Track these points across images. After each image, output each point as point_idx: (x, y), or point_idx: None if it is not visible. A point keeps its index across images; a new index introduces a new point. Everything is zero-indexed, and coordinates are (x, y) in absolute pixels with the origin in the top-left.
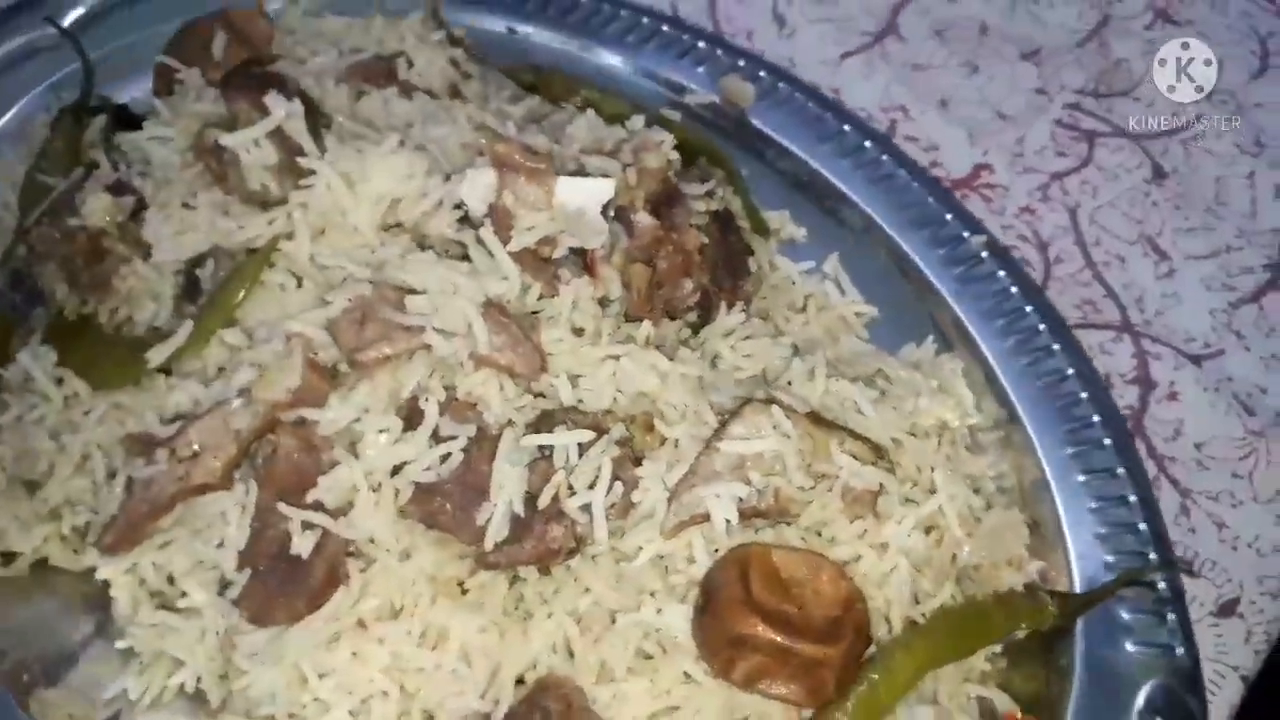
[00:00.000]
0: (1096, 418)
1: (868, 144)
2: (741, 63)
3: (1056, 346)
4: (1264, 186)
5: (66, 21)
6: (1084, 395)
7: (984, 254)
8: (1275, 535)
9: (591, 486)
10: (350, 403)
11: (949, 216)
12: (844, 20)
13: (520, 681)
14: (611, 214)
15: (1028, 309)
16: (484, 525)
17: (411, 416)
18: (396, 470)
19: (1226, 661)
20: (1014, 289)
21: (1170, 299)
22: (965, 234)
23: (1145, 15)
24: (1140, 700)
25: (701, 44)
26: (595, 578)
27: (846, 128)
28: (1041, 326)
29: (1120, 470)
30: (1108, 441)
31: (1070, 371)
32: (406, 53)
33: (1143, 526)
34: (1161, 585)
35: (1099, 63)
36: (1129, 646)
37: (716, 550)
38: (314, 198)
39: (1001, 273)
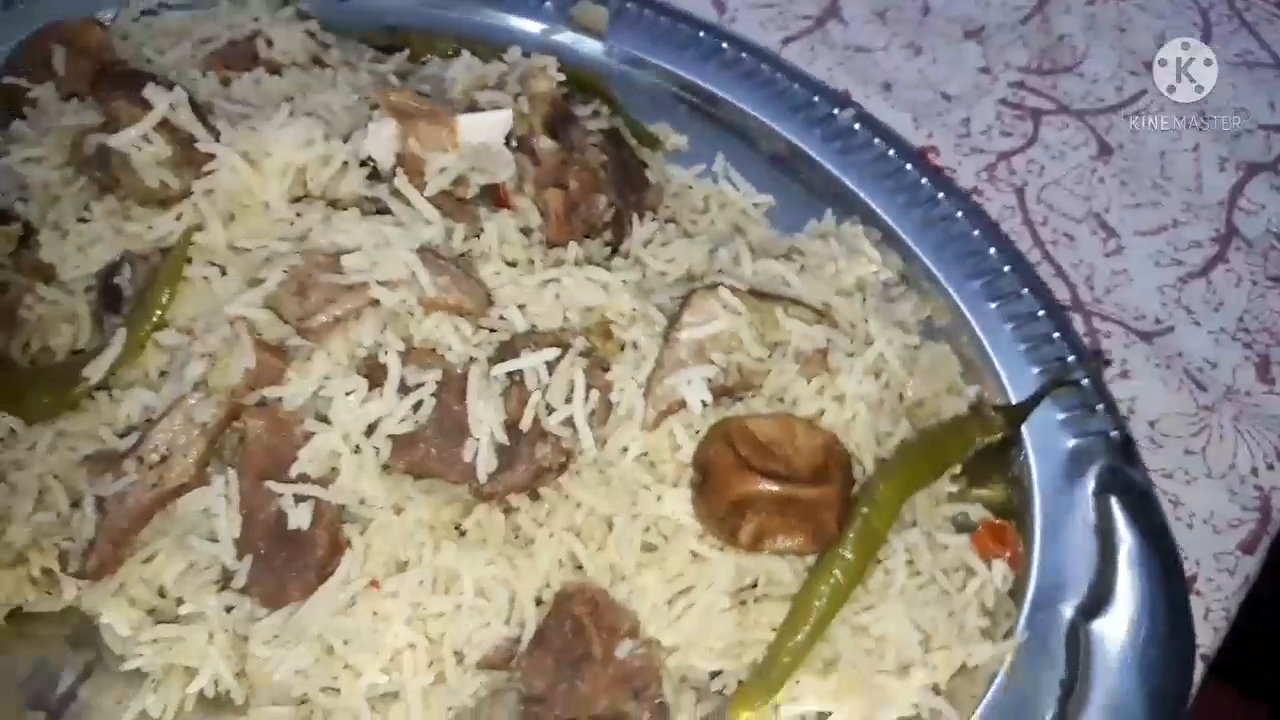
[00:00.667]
0: (992, 250)
1: (725, 45)
2: None
3: (940, 195)
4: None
5: None
6: (975, 232)
7: (856, 125)
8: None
9: (568, 400)
10: (310, 373)
11: (816, 99)
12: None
13: (539, 602)
14: (514, 144)
15: (907, 167)
16: (472, 461)
17: (373, 373)
18: (372, 429)
19: None
20: (891, 152)
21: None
22: (835, 110)
23: None
24: (1091, 483)
25: None
26: (584, 489)
27: (702, 34)
28: (924, 180)
29: (1024, 291)
30: (1007, 268)
31: (959, 214)
32: (263, 32)
33: (1056, 335)
34: (1085, 381)
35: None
36: (1070, 441)
37: (698, 432)
38: (219, 183)
39: (877, 140)
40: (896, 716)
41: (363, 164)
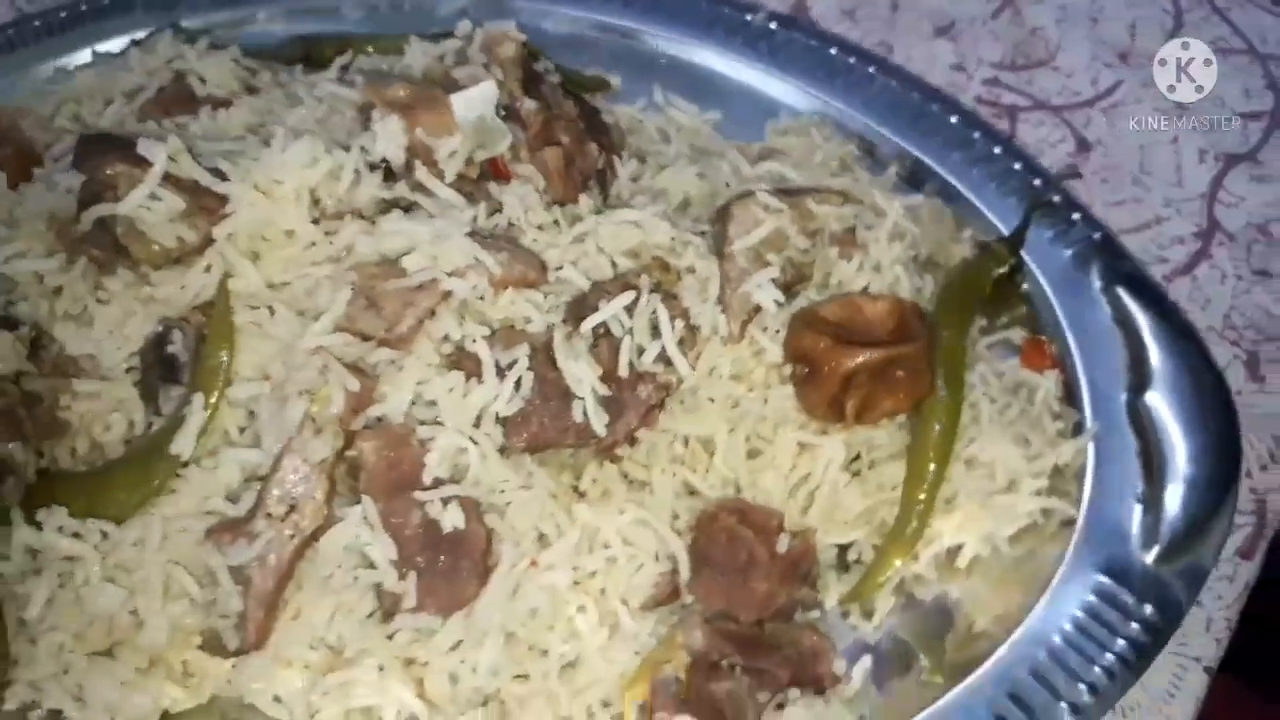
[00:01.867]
0: (934, 107)
1: None
2: None
3: (873, 69)
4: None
5: None
6: (915, 95)
7: (771, 25)
8: None
9: (653, 337)
10: (404, 382)
11: (725, 10)
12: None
13: (678, 533)
14: (502, 113)
15: (832, 51)
16: (584, 421)
17: (463, 364)
18: (479, 419)
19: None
20: (811, 41)
21: None
22: (748, 17)
23: None
24: (1097, 281)
25: None
26: (674, 420)
27: None
28: (852, 60)
29: (976, 134)
30: (953, 119)
31: (893, 84)
32: (192, 70)
33: (1017, 166)
34: (1056, 199)
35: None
36: (1066, 251)
37: (778, 332)
38: (240, 223)
39: (796, 34)
40: (1017, 527)
41: (373, 167)
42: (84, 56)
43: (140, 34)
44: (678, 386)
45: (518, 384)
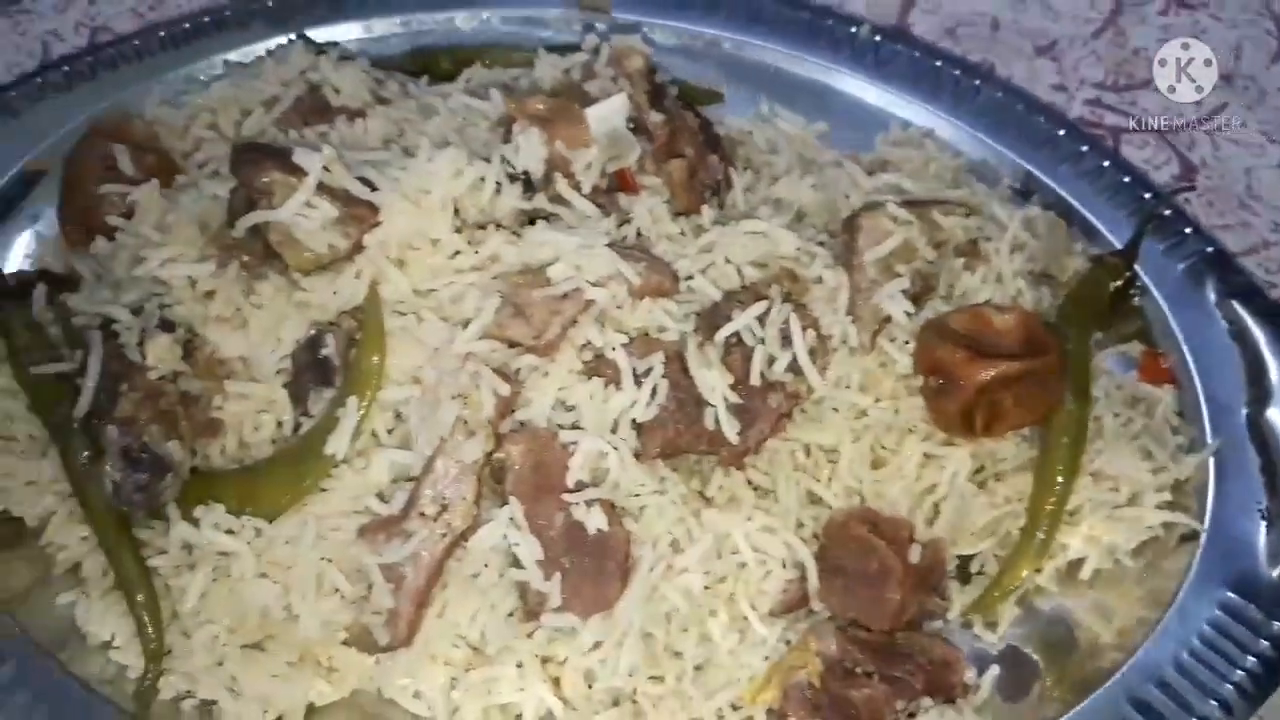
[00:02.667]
0: (1040, 119)
1: None
2: None
3: (978, 81)
4: None
5: None
6: (1020, 106)
7: (877, 37)
8: None
9: (783, 346)
10: (549, 387)
11: (830, 22)
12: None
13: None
14: (630, 126)
15: (937, 63)
16: (716, 428)
17: (601, 370)
18: (616, 425)
19: None
20: (916, 53)
21: None
22: (853, 29)
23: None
24: (1211, 295)
25: None
26: (799, 430)
27: None
28: (957, 73)
29: (1084, 149)
30: (1061, 132)
31: (1000, 95)
32: (327, 80)
33: (1127, 179)
34: (1167, 212)
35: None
36: (1180, 265)
37: (907, 343)
38: (391, 231)
39: (900, 47)
40: (1140, 541)
41: (513, 179)
42: (210, 67)
43: (261, 45)
44: (807, 396)
45: (654, 391)
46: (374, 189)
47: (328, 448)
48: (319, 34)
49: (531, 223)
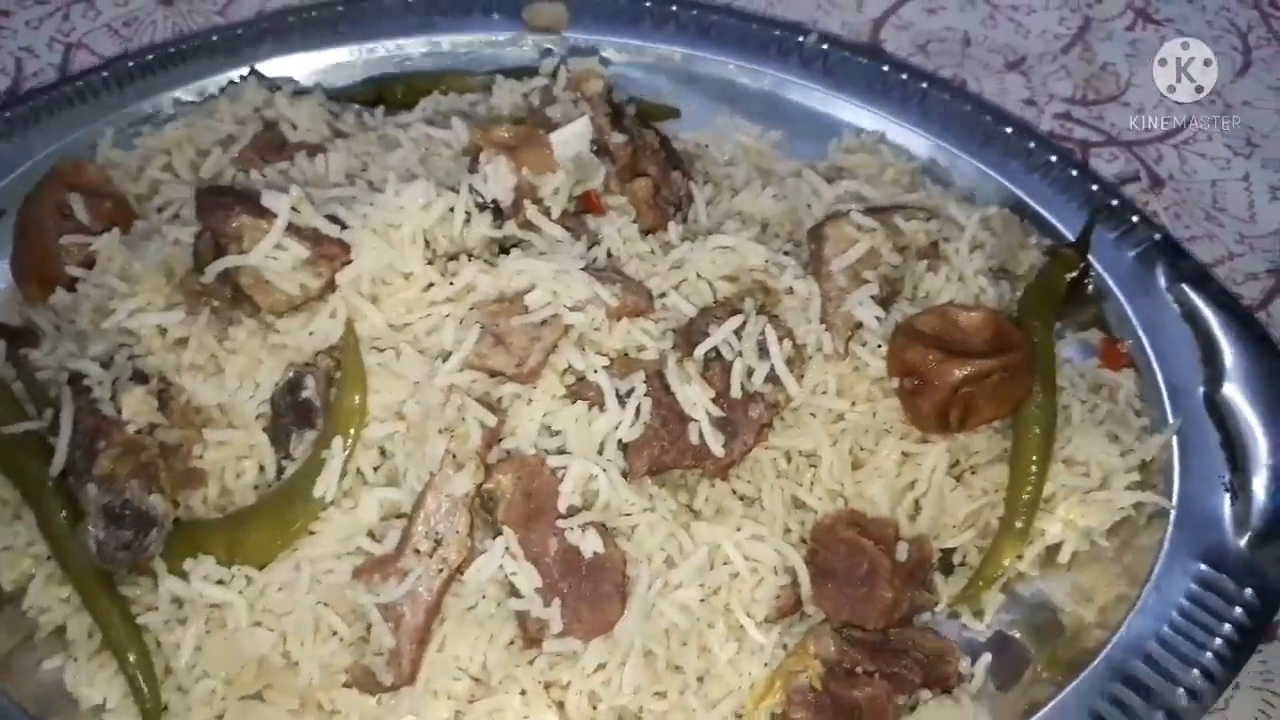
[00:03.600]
0: (987, 118)
1: (675, 6)
2: None
3: (925, 84)
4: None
5: None
6: (967, 108)
7: (824, 45)
8: None
9: (762, 357)
10: (533, 414)
11: (777, 32)
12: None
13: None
14: (593, 148)
15: (884, 68)
16: (700, 443)
17: (582, 393)
18: (602, 446)
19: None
20: (863, 59)
21: None
22: (800, 38)
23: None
24: (1162, 280)
25: None
26: (779, 438)
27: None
28: (904, 76)
29: (1031, 144)
30: (1008, 130)
31: (964, 104)
32: (284, 116)
33: (1075, 172)
34: (1115, 202)
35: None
36: (1130, 252)
37: (879, 346)
38: (363, 267)
39: (847, 53)
40: (1113, 521)
41: (481, 207)
42: (159, 105)
43: (211, 80)
44: (786, 404)
45: (638, 410)
46: (343, 226)
47: (316, 490)
48: (268, 66)
49: (502, 250)
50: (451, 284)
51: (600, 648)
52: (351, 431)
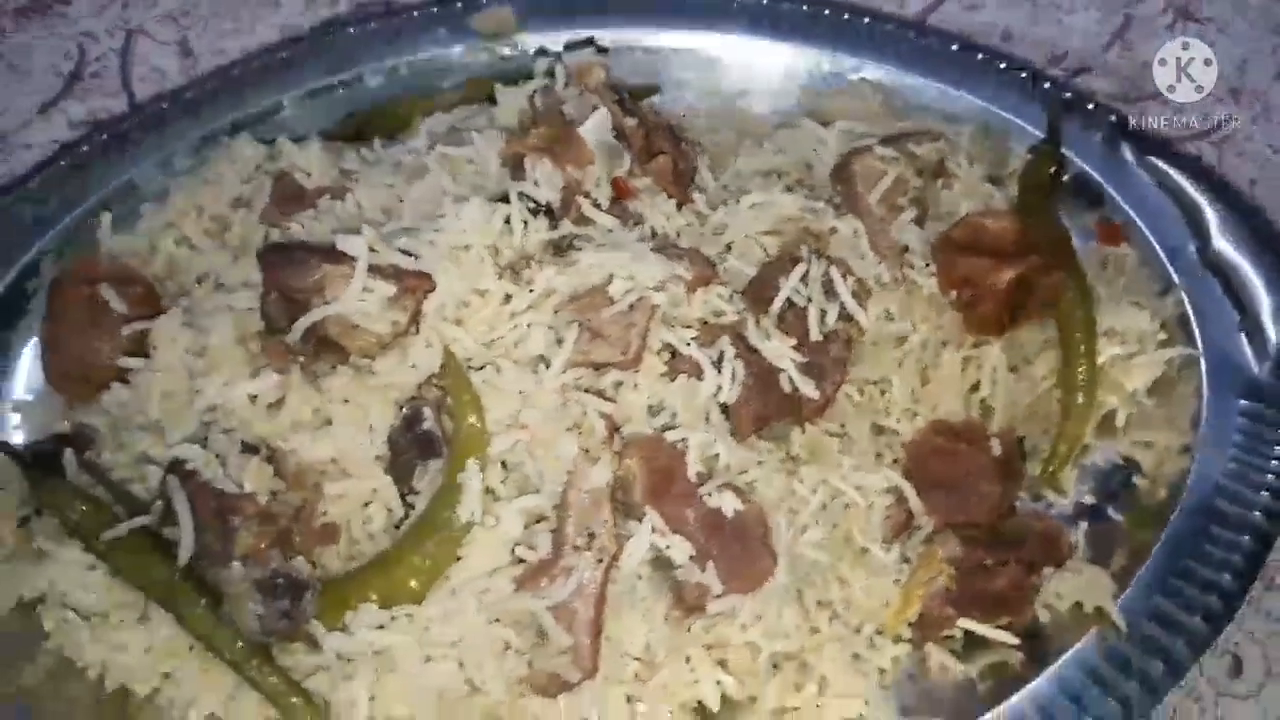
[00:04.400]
0: (944, 43)
1: None
2: None
3: (866, 19)
4: None
5: None
6: (933, 40)
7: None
8: None
9: (829, 298)
10: (641, 396)
11: None
12: None
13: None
14: (614, 134)
15: (825, 10)
16: (793, 391)
17: (677, 367)
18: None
19: None
20: (804, 6)
21: None
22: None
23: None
24: (1130, 156)
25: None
26: (854, 371)
27: None
28: (846, 16)
29: (978, 56)
30: (954, 48)
31: (911, 35)
32: (295, 165)
33: (1023, 74)
34: (1068, 95)
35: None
36: (1096, 135)
37: (927, 266)
38: (446, 293)
39: (790, 4)
40: (1153, 380)
41: (534, 212)
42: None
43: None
44: (859, 337)
45: (733, 374)
46: (415, 257)
47: (460, 515)
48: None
49: (557, 250)
50: (531, 291)
51: (755, 600)
52: (478, 453)
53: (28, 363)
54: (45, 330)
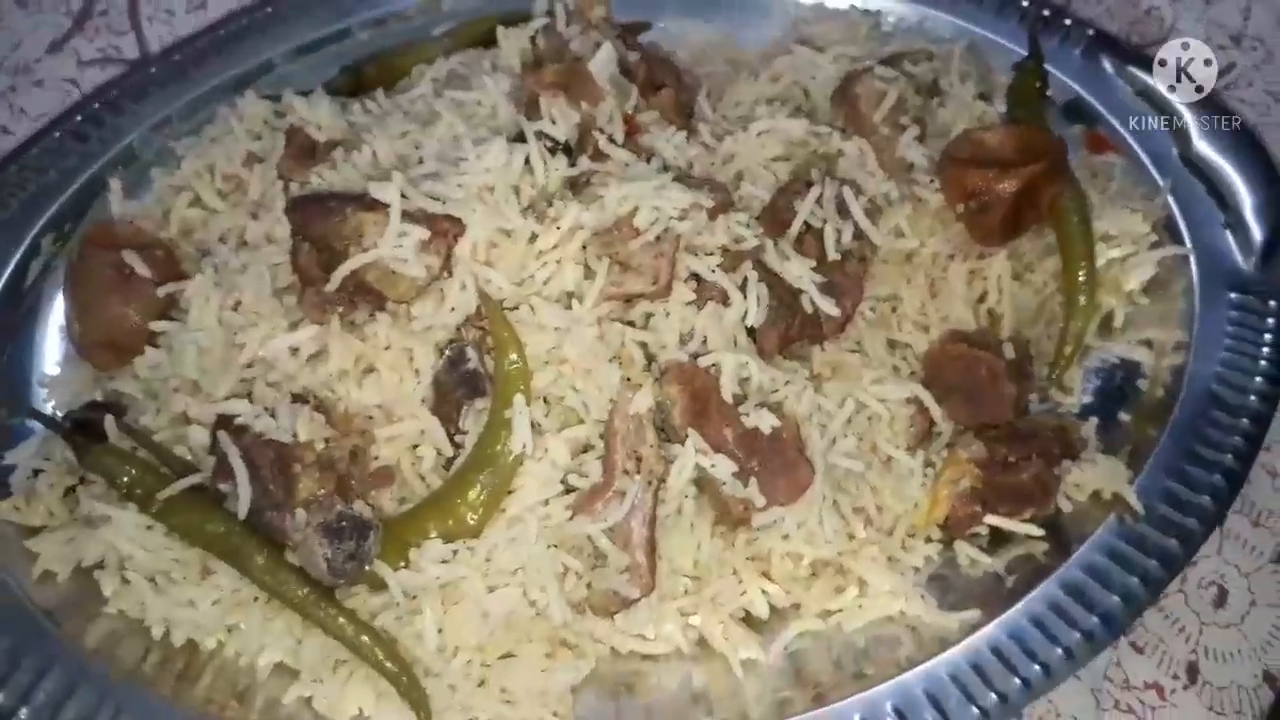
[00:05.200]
0: None
1: None
2: None
3: None
4: None
5: None
6: None
7: None
8: None
9: (842, 218)
10: (673, 325)
11: None
12: None
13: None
14: (617, 69)
15: None
16: (814, 310)
17: (704, 293)
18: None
19: None
20: None
21: None
22: None
23: None
24: (1108, 65)
25: None
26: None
27: None
28: None
29: None
30: None
31: None
32: (306, 121)
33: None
34: (1047, 12)
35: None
36: (1075, 50)
37: (931, 181)
38: (477, 234)
39: None
40: (1146, 280)
41: (553, 151)
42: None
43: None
44: (874, 254)
45: (758, 297)
46: (442, 201)
47: (513, 447)
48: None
49: (575, 187)
50: (557, 229)
51: (797, 510)
52: (523, 388)
53: (50, 338)
54: (70, 301)
